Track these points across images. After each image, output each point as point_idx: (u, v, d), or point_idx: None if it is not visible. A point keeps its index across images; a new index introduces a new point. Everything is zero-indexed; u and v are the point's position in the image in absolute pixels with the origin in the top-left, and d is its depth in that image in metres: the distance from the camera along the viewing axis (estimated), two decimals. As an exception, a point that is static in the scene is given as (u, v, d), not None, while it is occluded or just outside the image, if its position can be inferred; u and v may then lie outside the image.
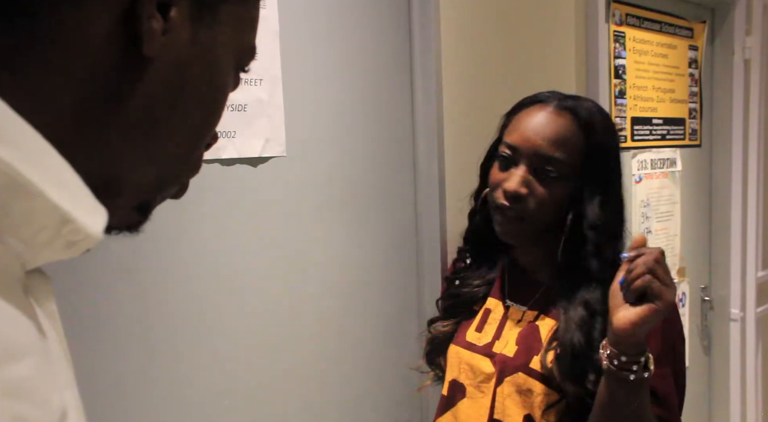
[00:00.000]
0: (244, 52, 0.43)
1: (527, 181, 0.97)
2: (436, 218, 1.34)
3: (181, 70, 0.38)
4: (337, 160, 1.23)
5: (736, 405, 2.31)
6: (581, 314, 0.94)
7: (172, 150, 0.41)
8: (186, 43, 0.37)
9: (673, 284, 0.82)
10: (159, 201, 0.44)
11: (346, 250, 1.26)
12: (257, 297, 1.12)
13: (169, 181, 0.43)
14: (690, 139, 2.18)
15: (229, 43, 0.41)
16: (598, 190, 0.97)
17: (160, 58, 0.36)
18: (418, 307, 1.39)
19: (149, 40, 0.35)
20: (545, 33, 1.55)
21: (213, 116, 0.43)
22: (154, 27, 0.34)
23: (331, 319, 1.24)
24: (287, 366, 1.17)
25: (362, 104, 1.27)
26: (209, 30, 0.39)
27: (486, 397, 1.03)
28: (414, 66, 1.34)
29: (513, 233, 1.01)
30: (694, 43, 2.17)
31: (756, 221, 2.29)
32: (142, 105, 0.37)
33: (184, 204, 0.81)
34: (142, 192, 0.41)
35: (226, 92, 0.43)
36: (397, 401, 1.37)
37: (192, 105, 0.40)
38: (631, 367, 0.83)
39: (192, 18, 0.37)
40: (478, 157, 1.13)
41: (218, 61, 0.40)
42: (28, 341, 0.32)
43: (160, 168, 0.41)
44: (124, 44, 0.35)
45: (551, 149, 0.95)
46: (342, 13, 1.23)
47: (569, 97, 1.01)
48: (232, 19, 0.40)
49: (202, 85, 0.40)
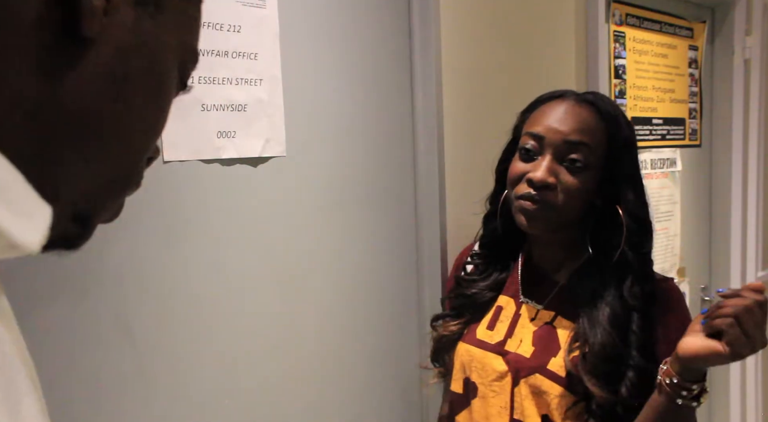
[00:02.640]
0: (186, 54, 0.40)
1: (555, 170, 0.95)
2: (436, 218, 1.34)
3: (123, 57, 0.34)
4: (337, 160, 1.23)
5: (736, 405, 2.31)
6: (613, 310, 0.93)
7: (116, 150, 0.36)
8: (128, 29, 0.34)
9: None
10: (100, 214, 0.39)
11: (346, 250, 1.26)
12: (257, 297, 1.12)
13: (113, 188, 0.38)
14: (690, 139, 2.18)
15: (171, 37, 0.37)
16: (629, 181, 0.97)
17: (100, 41, 0.32)
18: (418, 307, 1.39)
19: (89, 17, 0.31)
20: (545, 33, 1.55)
21: (160, 114, 0.38)
22: (95, 3, 0.30)
23: (331, 319, 1.24)
24: (287, 367, 1.17)
25: (362, 104, 1.27)
26: (152, 19, 0.35)
27: (498, 397, 1.01)
28: (414, 66, 1.34)
29: (541, 221, 0.97)
30: (694, 43, 2.17)
31: (756, 221, 2.29)
32: (81, 95, 0.33)
33: (185, 204, 0.81)
34: (82, 199, 0.36)
35: (171, 92, 0.39)
36: (397, 401, 1.37)
37: (136, 99, 0.36)
38: (681, 392, 0.83)
39: (135, 1, 0.34)
40: (478, 157, 1.13)
41: (162, 53, 0.37)
42: None
43: (101, 172, 0.36)
44: (59, 24, 0.30)
45: (578, 137, 0.95)
46: (342, 13, 1.23)
47: (587, 93, 1.02)
48: (176, 13, 0.37)
49: (147, 77, 0.36)
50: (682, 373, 0.83)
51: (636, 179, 0.99)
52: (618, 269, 0.95)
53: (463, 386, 1.07)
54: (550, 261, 1.06)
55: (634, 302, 0.93)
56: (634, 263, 0.94)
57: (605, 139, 0.96)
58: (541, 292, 1.05)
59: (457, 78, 1.35)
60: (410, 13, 1.33)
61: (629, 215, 0.95)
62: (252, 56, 1.08)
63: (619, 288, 0.94)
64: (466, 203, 1.35)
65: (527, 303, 1.05)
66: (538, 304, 1.04)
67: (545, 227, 0.99)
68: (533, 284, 1.06)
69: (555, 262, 1.05)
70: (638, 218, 0.96)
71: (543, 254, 1.07)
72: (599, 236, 0.98)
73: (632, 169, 0.99)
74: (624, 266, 0.95)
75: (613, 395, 0.90)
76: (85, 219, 0.37)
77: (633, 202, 0.96)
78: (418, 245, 1.38)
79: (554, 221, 0.97)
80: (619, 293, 0.94)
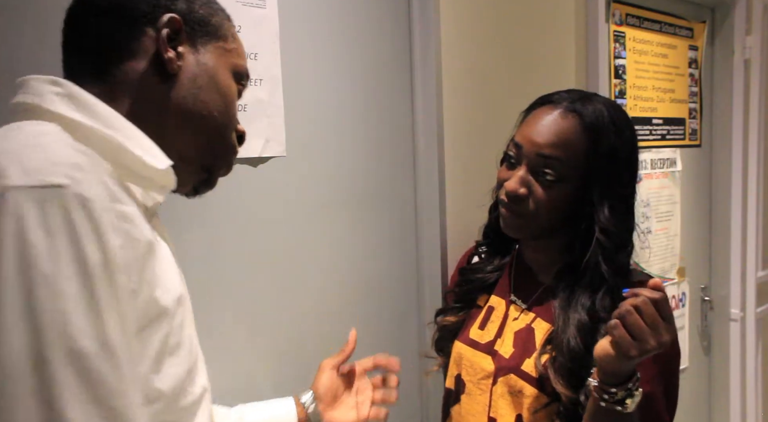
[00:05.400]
0: (237, 71, 0.72)
1: (527, 181, 0.97)
2: (436, 218, 1.34)
3: (195, 79, 0.68)
4: (337, 160, 1.23)
5: (736, 405, 2.31)
6: (581, 318, 0.93)
7: (210, 128, 0.69)
8: (193, 64, 0.68)
9: (644, 338, 0.77)
10: (219, 166, 0.73)
11: (346, 250, 1.26)
12: (257, 297, 1.12)
13: (215, 149, 0.71)
14: (690, 139, 2.18)
15: (221, 63, 0.70)
16: (606, 194, 0.95)
17: (180, 74, 0.67)
18: (418, 307, 1.39)
19: (170, 65, 0.66)
20: (545, 33, 1.55)
21: (226, 106, 0.70)
22: (171, 59, 0.66)
23: (331, 319, 1.24)
24: (286, 366, 1.17)
25: (362, 104, 1.27)
26: (204, 57, 0.69)
27: (483, 395, 1.03)
28: (414, 66, 1.34)
29: (514, 228, 1.01)
30: (694, 43, 2.16)
31: (756, 221, 2.29)
32: (178, 102, 0.67)
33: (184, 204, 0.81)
34: (200, 155, 0.70)
35: (230, 92, 0.71)
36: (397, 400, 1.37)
37: (208, 99, 0.68)
38: (603, 395, 0.83)
39: (194, 50, 0.68)
40: (478, 157, 1.13)
41: (216, 73, 0.70)
42: (136, 213, 0.57)
43: (205, 139, 0.69)
44: (160, 70, 0.65)
45: (550, 151, 0.95)
46: (342, 13, 1.23)
47: (582, 98, 0.99)
48: (217, 50, 0.70)
49: (211, 86, 0.69)
50: (602, 376, 0.83)
51: (617, 192, 0.96)
52: (594, 277, 0.95)
53: (454, 382, 1.09)
54: (537, 262, 1.08)
55: (603, 314, 0.92)
56: (607, 274, 0.94)
57: (584, 152, 0.95)
58: (527, 292, 1.07)
59: (457, 78, 1.35)
60: (410, 13, 1.33)
61: (600, 230, 0.94)
62: (252, 56, 1.08)
63: (592, 297, 0.94)
64: (466, 203, 1.36)
65: (515, 303, 1.07)
66: (524, 303, 1.06)
67: (520, 233, 1.02)
68: (522, 284, 1.08)
69: (541, 264, 1.07)
70: (610, 232, 0.94)
71: (530, 254, 1.09)
72: (583, 242, 0.97)
73: (615, 181, 0.96)
74: (598, 276, 0.95)
75: (575, 395, 0.91)
76: (210, 167, 0.72)
77: (606, 216, 0.94)
78: (418, 245, 1.38)
79: (528, 228, 1.00)
80: (592, 301, 0.94)
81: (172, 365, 0.62)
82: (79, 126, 0.58)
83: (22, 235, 0.46)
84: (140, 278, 0.55)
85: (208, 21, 0.69)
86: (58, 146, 0.52)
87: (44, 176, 0.48)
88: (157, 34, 0.65)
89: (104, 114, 0.60)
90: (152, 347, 0.58)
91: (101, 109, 0.60)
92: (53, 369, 0.45)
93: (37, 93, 0.59)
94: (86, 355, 0.47)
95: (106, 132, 0.59)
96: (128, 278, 0.53)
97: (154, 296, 0.58)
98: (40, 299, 0.46)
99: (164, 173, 0.63)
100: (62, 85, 0.60)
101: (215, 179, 0.74)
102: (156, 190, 0.65)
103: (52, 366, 0.45)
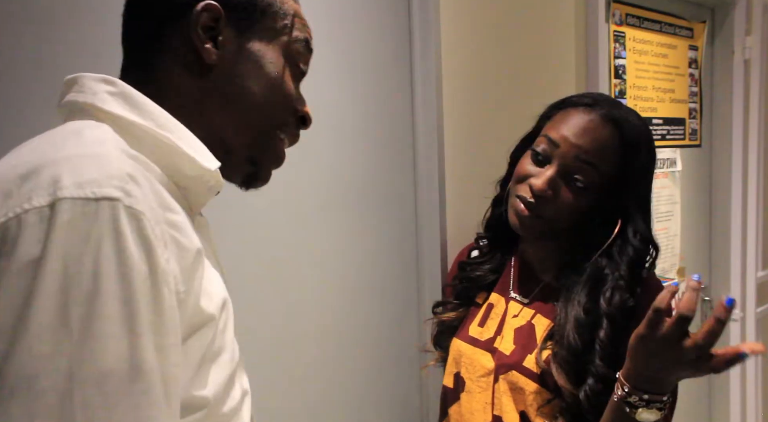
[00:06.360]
0: (291, 48, 0.67)
1: (555, 183, 0.95)
2: (436, 218, 1.34)
3: (237, 66, 0.64)
4: (337, 160, 1.23)
5: (736, 405, 2.31)
6: (579, 313, 0.93)
7: (254, 117, 0.65)
8: (234, 52, 0.64)
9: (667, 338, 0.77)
10: (266, 157, 0.69)
11: (346, 250, 1.26)
12: (257, 298, 1.12)
13: (261, 140, 0.67)
14: (690, 139, 2.18)
15: (270, 45, 0.66)
16: (639, 206, 0.97)
17: (220, 64, 0.63)
18: (418, 307, 1.39)
19: (206, 56, 0.62)
20: (545, 33, 1.55)
21: (275, 92, 0.66)
22: (207, 49, 0.62)
23: (330, 319, 1.24)
24: (287, 367, 1.17)
25: (362, 104, 1.27)
26: (250, 42, 0.64)
27: (484, 392, 1.03)
28: (414, 66, 1.34)
29: (529, 228, 0.99)
30: (694, 43, 2.16)
31: (756, 221, 2.29)
32: (221, 92, 0.63)
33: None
34: (245, 148, 0.66)
35: (279, 76, 0.66)
36: (397, 400, 1.37)
37: (255, 86, 0.65)
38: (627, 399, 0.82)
39: (237, 35, 0.64)
40: (478, 157, 1.13)
41: (262, 57, 0.65)
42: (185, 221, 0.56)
43: (250, 130, 0.66)
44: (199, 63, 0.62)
45: (588, 157, 0.94)
46: (342, 13, 1.23)
47: (615, 105, 0.99)
48: (265, 28, 0.65)
49: (255, 73, 0.64)
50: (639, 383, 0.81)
51: (646, 204, 1.00)
52: (597, 274, 0.95)
53: (453, 380, 1.09)
54: (538, 260, 1.08)
55: (608, 309, 0.92)
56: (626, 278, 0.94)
57: (619, 164, 0.95)
58: (528, 289, 1.07)
59: (457, 78, 1.35)
60: (410, 14, 1.33)
61: (640, 239, 0.96)
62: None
63: (595, 293, 0.94)
64: (466, 203, 1.36)
65: (514, 299, 1.07)
66: (524, 298, 1.06)
67: (533, 233, 1.01)
68: (522, 281, 1.08)
69: (543, 261, 1.07)
70: (647, 240, 0.97)
71: (533, 252, 1.09)
72: (591, 244, 0.97)
73: (644, 194, 0.99)
74: (602, 274, 0.95)
75: (577, 391, 0.91)
76: (254, 160, 0.68)
77: (643, 227, 0.97)
78: (418, 245, 1.38)
79: (542, 229, 0.99)
80: (595, 297, 0.94)
81: (216, 371, 0.60)
82: (133, 127, 0.57)
83: (69, 249, 0.45)
84: (188, 288, 0.54)
85: (255, 2, 0.65)
86: (115, 155, 0.51)
87: (97, 189, 0.47)
88: (193, 24, 0.61)
89: (155, 114, 0.58)
90: (196, 355, 0.57)
91: (152, 108, 0.58)
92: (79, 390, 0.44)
93: (91, 91, 0.58)
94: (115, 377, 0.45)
95: (161, 133, 0.57)
96: (176, 292, 0.52)
97: (200, 305, 0.57)
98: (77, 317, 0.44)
99: (214, 173, 0.61)
100: (115, 84, 0.59)
101: (266, 173, 0.71)
102: (204, 191, 0.63)
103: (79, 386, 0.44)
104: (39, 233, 0.45)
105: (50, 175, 0.47)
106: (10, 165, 0.50)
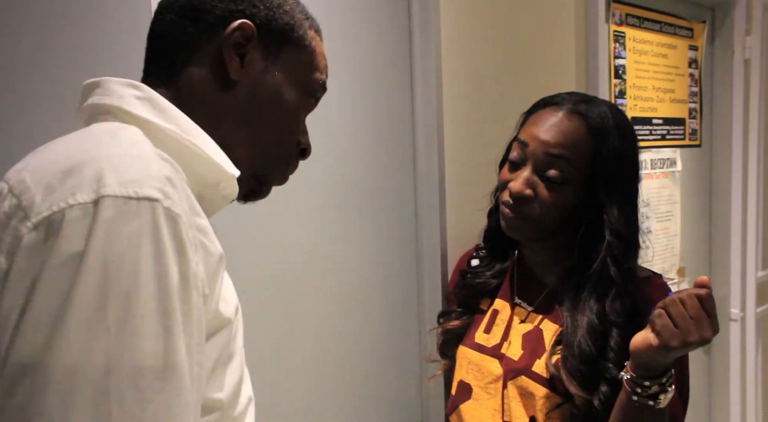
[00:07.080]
0: (309, 85, 0.70)
1: (532, 183, 0.97)
2: (436, 218, 1.34)
3: (259, 87, 0.66)
4: (337, 160, 1.23)
5: (736, 405, 2.31)
6: (592, 320, 0.93)
7: (265, 137, 0.68)
8: (258, 73, 0.66)
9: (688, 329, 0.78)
10: (272, 176, 0.71)
11: (347, 250, 1.26)
12: (257, 298, 1.12)
13: (271, 160, 0.69)
14: (690, 139, 2.18)
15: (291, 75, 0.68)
16: (614, 196, 0.95)
17: (242, 81, 0.65)
18: (418, 307, 1.39)
19: (232, 71, 0.64)
20: (545, 33, 1.55)
21: (287, 118, 0.69)
22: (233, 65, 0.64)
23: (331, 319, 1.24)
24: (287, 367, 1.17)
25: (362, 104, 1.27)
26: (274, 65, 0.67)
27: (492, 399, 1.02)
28: (414, 66, 1.34)
29: (518, 230, 1.01)
30: (694, 43, 2.16)
31: (756, 221, 2.29)
32: (239, 108, 0.65)
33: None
34: (253, 164, 0.67)
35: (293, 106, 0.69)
36: (397, 401, 1.37)
37: (271, 109, 0.67)
38: (636, 389, 0.83)
39: (264, 58, 0.66)
40: (478, 157, 1.13)
41: (281, 85, 0.67)
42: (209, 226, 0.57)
43: (260, 149, 0.67)
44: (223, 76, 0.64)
45: (557, 151, 0.95)
46: (342, 14, 1.23)
47: (585, 100, 1.00)
48: (291, 59, 0.68)
49: (272, 98, 0.67)
50: (636, 369, 0.83)
51: (623, 193, 0.97)
52: (602, 279, 0.95)
53: (459, 388, 1.08)
54: (539, 264, 1.08)
55: (615, 319, 0.92)
56: (616, 277, 0.94)
57: (590, 153, 0.95)
58: (532, 294, 1.06)
59: (457, 78, 1.35)
60: (410, 13, 1.33)
61: (611, 231, 0.94)
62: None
63: (601, 300, 0.94)
64: (466, 204, 1.35)
65: (519, 305, 1.07)
66: (529, 305, 1.06)
67: (524, 235, 1.02)
68: (525, 286, 1.08)
69: (544, 265, 1.07)
70: (620, 233, 0.95)
71: (532, 256, 1.09)
72: (587, 244, 0.97)
73: (621, 183, 0.97)
74: (607, 279, 0.94)
75: (591, 397, 0.91)
76: (261, 177, 0.70)
77: (616, 217, 0.95)
78: (418, 245, 1.38)
79: (531, 230, 0.99)
80: (602, 305, 0.94)
81: (229, 374, 0.62)
82: (159, 131, 0.58)
83: (110, 246, 0.45)
84: (211, 292, 0.55)
85: (289, 32, 0.67)
86: (152, 157, 0.51)
87: (139, 188, 0.47)
88: (225, 39, 0.63)
89: (179, 119, 0.59)
90: (212, 358, 0.58)
91: (176, 113, 0.60)
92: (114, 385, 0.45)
93: (118, 95, 0.59)
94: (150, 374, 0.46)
95: (186, 138, 0.58)
96: (203, 294, 0.53)
97: (219, 309, 0.58)
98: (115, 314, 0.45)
99: (232, 180, 0.62)
100: (141, 89, 0.60)
101: (267, 190, 0.73)
102: (218, 198, 0.64)
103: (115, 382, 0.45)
104: (82, 228, 0.45)
105: (94, 172, 0.47)
106: (48, 160, 0.50)
